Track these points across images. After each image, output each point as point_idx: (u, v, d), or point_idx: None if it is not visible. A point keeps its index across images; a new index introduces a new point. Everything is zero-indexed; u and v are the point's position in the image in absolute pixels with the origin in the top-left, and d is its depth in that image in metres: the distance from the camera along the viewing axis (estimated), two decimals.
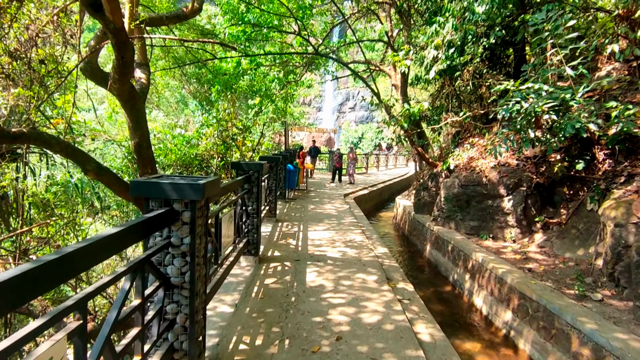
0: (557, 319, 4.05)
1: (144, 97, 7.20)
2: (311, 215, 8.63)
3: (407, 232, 10.25)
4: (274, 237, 6.46)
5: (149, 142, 7.08)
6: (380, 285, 4.43)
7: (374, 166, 25.65)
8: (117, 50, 5.22)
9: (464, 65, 9.79)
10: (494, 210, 7.07)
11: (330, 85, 58.03)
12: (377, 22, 16.57)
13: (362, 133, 47.54)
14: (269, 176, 7.38)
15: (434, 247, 8.02)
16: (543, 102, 5.62)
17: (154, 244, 2.23)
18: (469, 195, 7.41)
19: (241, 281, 4.36)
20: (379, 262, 5.39)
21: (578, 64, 5.81)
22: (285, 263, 5.09)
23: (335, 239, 6.48)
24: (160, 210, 2.14)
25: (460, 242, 6.85)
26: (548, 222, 6.43)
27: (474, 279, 6.09)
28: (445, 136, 13.28)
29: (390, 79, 14.96)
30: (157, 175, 2.48)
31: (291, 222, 7.72)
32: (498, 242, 6.94)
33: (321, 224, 7.72)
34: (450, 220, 7.84)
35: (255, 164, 4.85)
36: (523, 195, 6.67)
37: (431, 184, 9.38)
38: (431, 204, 9.31)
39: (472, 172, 7.56)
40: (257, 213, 4.93)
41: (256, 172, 4.86)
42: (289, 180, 10.69)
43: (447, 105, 12.56)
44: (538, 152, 6.92)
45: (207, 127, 13.45)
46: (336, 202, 10.63)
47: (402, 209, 11.33)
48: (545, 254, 6.02)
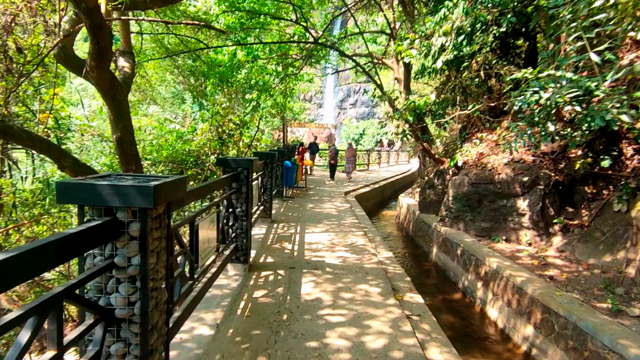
0: (591, 339, 3.49)
1: (127, 87, 6.63)
2: (309, 215, 8.08)
3: (412, 233, 9.70)
4: (267, 241, 5.91)
5: (132, 136, 6.52)
6: (385, 298, 3.89)
7: (375, 163, 25.07)
8: (92, 34, 4.65)
9: (472, 55, 9.21)
10: (508, 210, 6.51)
11: (330, 82, 57.34)
12: (379, 15, 15.94)
13: (363, 129, 46.90)
14: (263, 173, 6.83)
15: (441, 250, 7.47)
16: (566, 92, 5.04)
17: (92, 266, 1.68)
18: (480, 194, 6.85)
19: (226, 294, 3.81)
20: (383, 269, 4.84)
21: (605, 49, 5.24)
22: (279, 271, 4.54)
23: (334, 242, 5.93)
24: (95, 222, 1.58)
25: (471, 245, 6.30)
26: (568, 224, 5.87)
27: (487, 287, 5.54)
28: (451, 131, 12.71)
29: (392, 73, 14.37)
30: (104, 174, 1.93)
31: (287, 223, 7.17)
32: (512, 245, 6.39)
33: (320, 225, 7.17)
34: (459, 221, 7.28)
35: (244, 160, 4.29)
36: (540, 194, 6.10)
37: (437, 181, 8.82)
38: (437, 202, 8.75)
39: (483, 169, 6.99)
40: (246, 215, 4.38)
41: (245, 170, 4.30)
42: (286, 178, 10.14)
43: (452, 98, 11.99)
44: (556, 148, 6.35)
45: (202, 123, 12.91)
46: (336, 201, 10.08)
47: (405, 208, 10.77)
48: (566, 260, 5.46)
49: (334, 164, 15.31)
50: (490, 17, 8.16)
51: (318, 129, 38.70)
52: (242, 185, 4.34)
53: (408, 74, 12.91)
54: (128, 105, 6.57)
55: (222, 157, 4.32)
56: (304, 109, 47.26)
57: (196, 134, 12.40)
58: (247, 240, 4.43)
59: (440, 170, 8.84)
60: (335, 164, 15.39)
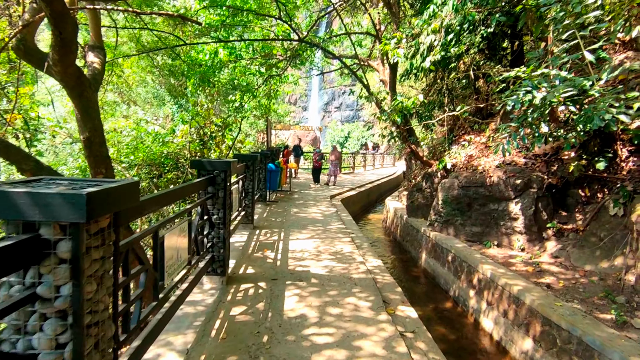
0: (599, 356, 3.23)
1: (96, 84, 6.17)
2: (294, 220, 7.70)
3: (400, 238, 9.43)
4: (248, 249, 5.52)
5: (102, 137, 6.07)
6: (376, 312, 3.55)
7: (360, 166, 24.86)
8: (54, 24, 4.23)
9: (459, 56, 9.05)
10: (500, 214, 6.28)
11: (315, 85, 57.21)
12: (364, 17, 15.74)
13: (348, 132, 46.80)
14: (244, 177, 6.44)
15: (430, 256, 7.21)
16: (560, 91, 4.83)
17: (7, 298, 1.29)
18: (471, 198, 6.61)
19: (200, 312, 3.41)
20: (372, 278, 4.51)
21: (599, 47, 5.07)
22: (260, 283, 4.16)
23: (320, 250, 5.57)
24: (9, 242, 1.20)
25: (462, 251, 6.04)
26: (562, 229, 5.67)
27: (481, 296, 5.27)
28: (437, 134, 12.56)
29: (378, 75, 14.16)
30: (33, 178, 1.53)
31: (271, 229, 6.78)
32: (504, 250, 6.16)
33: (305, 230, 6.80)
34: (449, 226, 7.03)
35: (221, 162, 3.90)
36: (533, 197, 5.89)
37: (426, 184, 8.58)
38: (426, 206, 8.50)
39: (473, 172, 6.77)
40: (224, 223, 3.99)
41: (222, 173, 3.92)
42: (270, 181, 9.75)
43: (439, 100, 11.84)
44: (548, 149, 6.16)
45: (182, 124, 12.41)
46: (322, 205, 9.74)
47: (393, 212, 10.51)
48: (561, 266, 5.24)
49: (318, 167, 14.86)
50: (478, 17, 8.01)
51: (303, 131, 38.43)
52: (219, 190, 3.96)
53: (394, 75, 12.71)
54: (97, 104, 6.11)
55: (197, 160, 3.93)
56: (289, 112, 46.91)
57: (175, 136, 11.91)
58: (225, 250, 4.04)
59: (429, 173, 8.60)
60: (319, 168, 14.94)
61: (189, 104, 13.41)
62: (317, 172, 14.86)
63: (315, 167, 14.82)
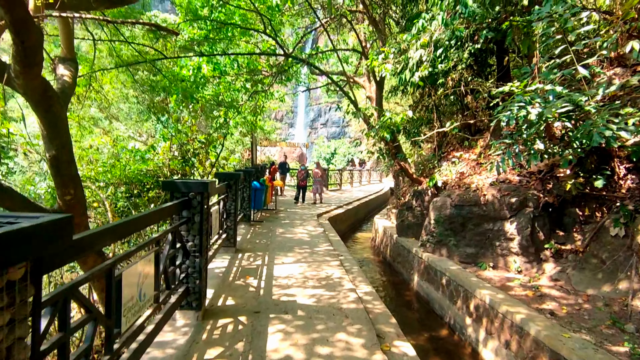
0: None
1: (66, 98, 5.75)
2: (279, 242, 7.29)
3: (390, 258, 9.07)
4: (229, 276, 5.08)
5: (70, 155, 5.62)
6: (370, 351, 3.17)
7: (347, 182, 24.62)
8: (15, 32, 3.85)
9: (447, 73, 8.96)
10: (495, 234, 6.01)
11: (302, 102, 57.45)
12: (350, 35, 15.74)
13: (334, 148, 46.77)
14: (226, 197, 6.04)
15: (423, 278, 6.86)
16: (556, 107, 4.65)
17: None
18: (464, 217, 6.34)
19: (170, 356, 2.97)
20: (364, 308, 4.14)
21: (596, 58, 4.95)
22: (240, 318, 3.74)
23: (307, 276, 5.17)
24: None
25: (458, 275, 5.72)
26: (561, 250, 5.41)
27: (479, 324, 4.93)
28: (425, 150, 12.42)
29: (364, 92, 14.04)
30: None
31: (254, 253, 6.36)
32: (500, 272, 5.86)
33: (290, 253, 6.40)
34: (441, 246, 6.72)
35: (197, 183, 3.53)
36: (529, 217, 5.65)
37: (416, 203, 8.30)
38: (416, 225, 8.21)
39: (466, 190, 6.52)
40: (200, 250, 3.58)
41: (199, 195, 3.54)
42: (254, 200, 9.34)
43: (426, 117, 11.73)
44: (543, 167, 5.96)
45: (164, 141, 11.97)
46: (309, 224, 9.35)
47: (382, 231, 10.18)
48: (562, 290, 4.96)
49: (303, 185, 14.10)
50: (466, 33, 7.96)
51: (289, 148, 38.22)
52: (195, 214, 3.57)
53: (380, 92, 12.59)
54: (66, 119, 5.68)
55: (169, 180, 3.55)
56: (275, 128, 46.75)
57: (156, 153, 11.44)
58: (202, 281, 3.62)
59: (419, 191, 8.34)
60: (304, 186, 14.20)
61: (171, 119, 12.99)
62: (302, 190, 14.19)
63: (301, 185, 14.11)
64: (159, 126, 14.74)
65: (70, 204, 5.55)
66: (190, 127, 13.29)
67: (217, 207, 5.30)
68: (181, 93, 11.14)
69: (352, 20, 14.10)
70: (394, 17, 12.97)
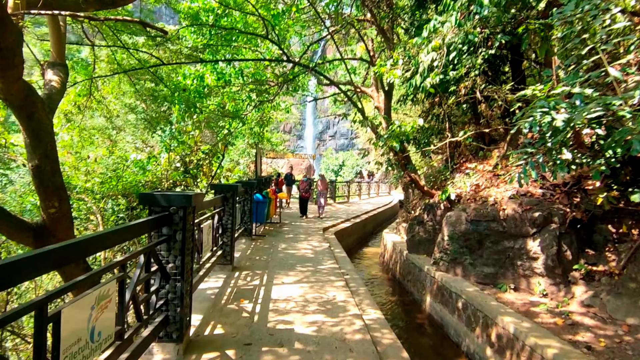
0: None
1: (52, 104, 5.42)
2: (281, 258, 6.81)
3: (400, 276, 8.50)
4: (222, 298, 4.60)
5: (55, 165, 5.27)
6: None
7: (355, 195, 24.09)
8: None
9: (458, 80, 8.52)
10: (516, 253, 5.46)
11: (310, 114, 57.44)
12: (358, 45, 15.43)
13: (342, 160, 46.33)
14: (222, 210, 5.60)
15: (437, 300, 6.30)
16: (587, 112, 4.15)
17: None
18: (482, 234, 5.80)
19: None
20: (371, 339, 3.62)
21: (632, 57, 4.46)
22: (228, 352, 3.24)
23: (308, 299, 4.67)
24: None
25: (476, 298, 5.16)
26: (592, 271, 4.84)
27: (502, 356, 4.36)
28: (435, 162, 11.91)
29: (373, 101, 13.64)
30: None
31: (252, 271, 5.88)
32: (523, 295, 5.29)
33: (292, 272, 5.90)
34: (456, 265, 6.17)
35: (179, 196, 3.09)
36: (555, 234, 5.10)
37: (427, 217, 7.77)
38: (428, 241, 7.67)
39: (483, 204, 5.99)
40: (182, 273, 3.12)
41: (181, 209, 3.10)
42: (256, 214, 8.89)
43: (437, 127, 11.26)
44: (568, 179, 5.43)
45: (165, 152, 11.66)
46: (313, 239, 8.85)
47: (391, 247, 9.63)
48: (597, 318, 4.38)
49: (307, 197, 13.35)
50: (480, 37, 7.55)
51: (297, 159, 37.89)
52: (176, 231, 3.12)
53: (389, 101, 12.18)
54: (51, 126, 5.33)
55: (148, 193, 3.12)
56: (284, 140, 46.66)
57: (158, 164, 11.12)
58: (184, 308, 3.15)
59: (430, 204, 7.82)
60: (307, 198, 13.43)
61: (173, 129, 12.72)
62: (304, 202, 13.40)
63: (304, 197, 13.31)
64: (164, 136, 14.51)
65: (55, 217, 5.16)
66: (194, 137, 13.00)
67: (211, 222, 4.85)
68: (184, 103, 10.86)
69: (360, 29, 13.81)
70: (403, 26, 12.65)
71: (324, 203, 13.43)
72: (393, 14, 11.09)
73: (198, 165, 12.47)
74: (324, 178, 13.92)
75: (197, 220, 4.17)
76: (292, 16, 12.06)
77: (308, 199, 13.46)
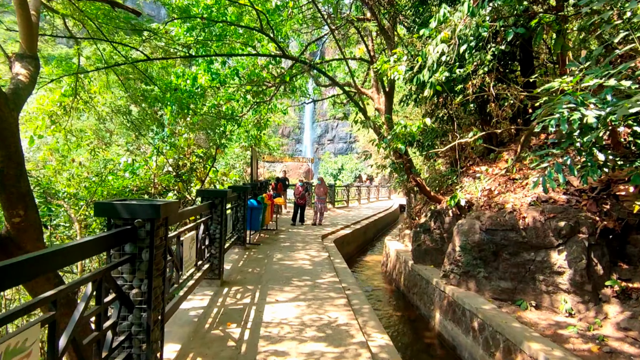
0: None
1: (18, 100, 4.83)
2: (275, 271, 6.21)
3: (404, 288, 7.91)
4: (206, 322, 4.00)
5: (20, 169, 4.69)
6: None
7: (355, 199, 23.50)
8: None
9: (465, 79, 8.00)
10: (538, 266, 4.88)
11: (308, 118, 57.05)
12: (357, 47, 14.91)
13: (341, 164, 45.80)
14: (209, 218, 5.02)
15: (447, 317, 5.71)
16: (624, 108, 3.59)
17: None
18: (498, 244, 5.23)
19: None
20: None
21: None
22: None
23: (305, 321, 4.07)
24: None
25: (494, 318, 4.57)
26: (628, 289, 4.27)
27: None
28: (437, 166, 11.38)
29: (373, 103, 13.09)
30: None
31: (244, 286, 5.28)
32: (546, 314, 4.71)
33: (287, 287, 5.31)
34: (469, 278, 5.59)
35: (145, 205, 2.50)
36: (583, 245, 4.53)
37: (434, 224, 7.20)
38: (435, 251, 7.09)
39: (499, 211, 5.42)
40: (148, 301, 2.54)
41: (148, 222, 2.52)
42: (250, 221, 8.30)
43: (441, 128, 10.74)
44: (596, 183, 4.87)
45: (156, 155, 11.09)
46: (312, 248, 8.26)
47: (394, 256, 9.04)
48: (638, 344, 3.80)
49: (302, 204, 12.15)
50: (488, 33, 7.03)
51: (295, 163, 37.34)
52: (142, 249, 2.54)
53: (390, 103, 11.66)
54: (16, 125, 4.75)
55: (105, 202, 2.55)
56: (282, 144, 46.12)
57: (148, 168, 10.54)
58: (150, 344, 2.56)
59: (438, 210, 7.24)
60: (303, 204, 12.25)
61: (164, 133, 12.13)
62: (300, 209, 12.22)
63: (300, 203, 12.11)
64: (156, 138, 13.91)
65: (21, 227, 4.56)
66: (187, 140, 12.43)
67: (194, 233, 4.26)
68: (176, 104, 10.31)
69: (359, 28, 13.30)
70: (405, 23, 12.17)
71: (323, 209, 12.32)
72: (394, 12, 10.58)
73: (191, 170, 11.89)
74: (323, 182, 12.79)
75: (175, 232, 3.59)
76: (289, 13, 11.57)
77: (304, 206, 12.36)
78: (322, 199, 12.31)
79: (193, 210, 4.34)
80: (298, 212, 12.13)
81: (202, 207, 4.67)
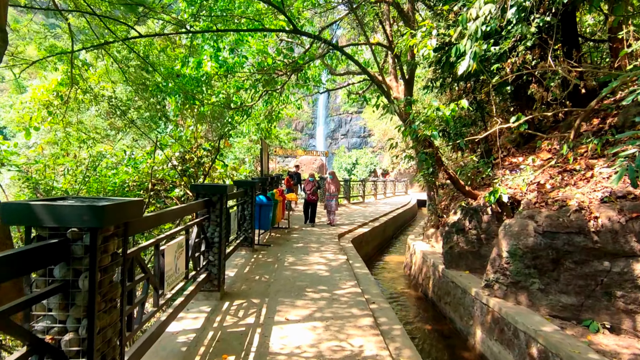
0: None
1: None
2: (286, 278, 5.34)
3: (433, 295, 6.96)
4: (196, 354, 3.13)
5: None
6: None
7: (371, 194, 22.51)
8: None
9: (500, 57, 6.98)
10: (614, 279, 3.88)
11: (321, 112, 56.18)
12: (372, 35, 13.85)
13: (356, 159, 44.70)
14: (206, 219, 4.17)
15: (492, 336, 4.75)
16: None
17: None
18: (559, 251, 4.24)
19: None
20: None
21: None
22: None
23: (323, 354, 3.18)
24: None
25: (561, 345, 3.61)
26: None
27: None
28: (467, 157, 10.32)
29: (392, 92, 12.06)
30: None
31: (248, 300, 4.42)
32: (626, 339, 3.73)
33: (299, 301, 4.43)
34: (519, 290, 4.62)
35: (82, 207, 1.63)
36: None
37: (469, 224, 6.21)
38: (471, 254, 6.12)
39: (561, 209, 4.41)
40: (89, 354, 1.68)
41: (87, 233, 1.65)
42: (259, 219, 7.45)
43: (471, 116, 9.71)
44: None
45: (161, 149, 10.34)
46: (327, 250, 7.37)
47: (420, 258, 8.07)
48: None
49: (313, 201, 10.79)
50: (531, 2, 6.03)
51: (308, 157, 36.50)
52: (79, 272, 1.68)
53: (410, 91, 10.67)
54: None
55: (16, 201, 1.70)
56: (295, 138, 45.31)
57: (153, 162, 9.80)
58: None
59: (473, 208, 6.26)
60: (315, 202, 10.87)
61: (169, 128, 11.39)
62: (311, 207, 10.91)
63: (310, 200, 10.76)
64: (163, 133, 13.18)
65: None
66: (194, 132, 11.67)
67: (183, 239, 3.40)
68: (181, 93, 9.52)
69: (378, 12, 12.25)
70: (427, 2, 11.13)
71: (335, 208, 11.10)
72: None
73: (199, 164, 11.11)
74: (335, 177, 11.36)
75: (152, 240, 2.74)
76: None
77: (315, 203, 10.98)
78: (335, 196, 10.96)
79: (181, 210, 3.47)
80: (309, 210, 10.88)
81: (196, 206, 3.81)
